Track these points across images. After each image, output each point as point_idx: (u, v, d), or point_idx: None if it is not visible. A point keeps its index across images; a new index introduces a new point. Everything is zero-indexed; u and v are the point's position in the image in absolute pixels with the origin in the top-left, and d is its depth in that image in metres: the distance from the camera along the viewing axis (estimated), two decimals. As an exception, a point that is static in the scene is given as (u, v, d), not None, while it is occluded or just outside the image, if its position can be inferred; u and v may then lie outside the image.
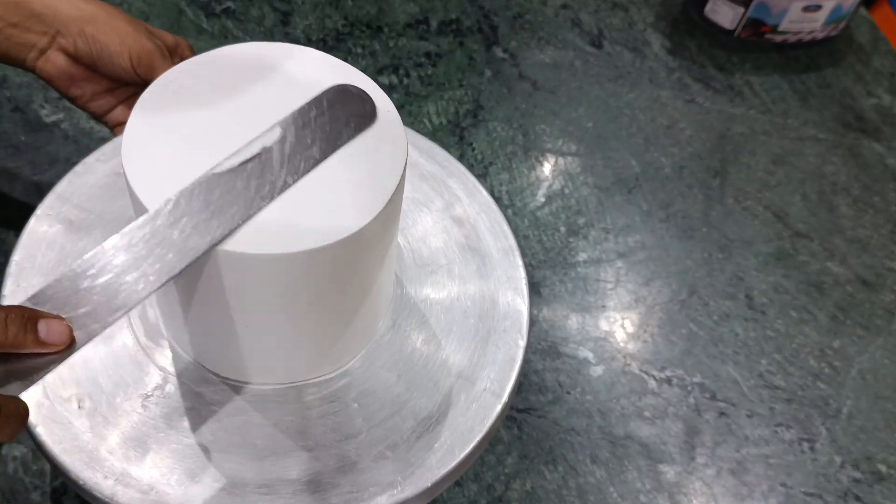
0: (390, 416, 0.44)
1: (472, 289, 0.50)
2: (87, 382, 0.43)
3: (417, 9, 0.88)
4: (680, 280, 0.71)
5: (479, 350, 0.47)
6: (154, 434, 0.42)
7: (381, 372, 0.46)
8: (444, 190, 0.54)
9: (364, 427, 0.44)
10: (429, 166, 0.55)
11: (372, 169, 0.39)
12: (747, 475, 0.61)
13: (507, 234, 0.52)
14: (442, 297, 0.49)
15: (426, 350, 0.47)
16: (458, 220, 0.53)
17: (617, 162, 0.79)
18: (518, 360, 0.47)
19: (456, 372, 0.46)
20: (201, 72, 0.41)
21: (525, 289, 0.50)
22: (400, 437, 0.43)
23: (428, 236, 0.52)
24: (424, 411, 0.45)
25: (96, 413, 0.42)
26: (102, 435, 0.41)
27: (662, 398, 0.64)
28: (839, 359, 0.69)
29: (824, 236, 0.76)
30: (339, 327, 0.43)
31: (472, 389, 0.46)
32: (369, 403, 0.45)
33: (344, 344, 0.45)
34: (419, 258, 0.51)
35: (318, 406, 0.44)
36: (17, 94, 0.74)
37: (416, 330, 0.48)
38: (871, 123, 0.86)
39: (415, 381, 0.46)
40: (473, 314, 0.49)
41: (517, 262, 0.51)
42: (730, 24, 0.89)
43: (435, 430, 0.44)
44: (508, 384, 0.46)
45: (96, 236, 0.48)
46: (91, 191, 0.50)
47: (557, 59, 0.87)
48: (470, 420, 0.44)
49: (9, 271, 0.46)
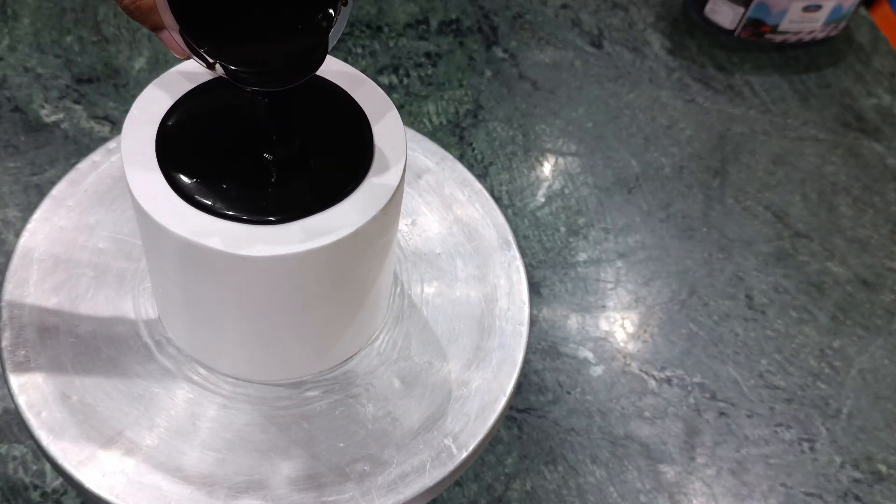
0: (390, 415, 0.44)
1: (472, 288, 0.50)
2: (87, 382, 0.43)
3: (417, 9, 0.88)
4: (680, 280, 0.71)
5: (479, 350, 0.47)
6: (152, 432, 0.42)
7: (381, 371, 0.46)
8: (443, 189, 0.54)
9: (363, 426, 0.44)
10: (428, 165, 0.55)
11: (371, 168, 0.39)
12: (747, 475, 0.61)
13: (506, 233, 0.52)
14: (442, 296, 0.49)
15: (426, 349, 0.47)
16: (458, 219, 0.53)
17: (617, 162, 0.79)
18: (518, 361, 0.47)
19: (456, 371, 0.46)
20: (200, 73, 0.41)
21: (525, 289, 0.50)
22: (399, 437, 0.43)
23: (427, 235, 0.52)
24: (424, 411, 0.44)
25: (91, 408, 0.42)
26: (101, 433, 0.41)
27: (662, 398, 0.64)
28: (839, 359, 0.69)
29: (824, 236, 0.76)
30: (338, 327, 0.43)
31: (472, 389, 0.46)
32: (369, 402, 0.45)
33: (343, 343, 0.45)
34: (418, 257, 0.51)
35: (317, 404, 0.44)
36: (17, 94, 0.74)
37: (415, 329, 0.48)
38: (871, 123, 0.86)
39: (414, 380, 0.46)
40: (473, 313, 0.49)
41: (517, 262, 0.51)
42: (730, 24, 0.89)
43: (434, 429, 0.44)
44: (509, 384, 0.46)
45: (95, 241, 0.48)
46: (87, 196, 0.50)
47: (557, 59, 0.87)
48: (470, 420, 0.44)
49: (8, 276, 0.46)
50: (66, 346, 0.44)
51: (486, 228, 0.52)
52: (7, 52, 0.77)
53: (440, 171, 0.55)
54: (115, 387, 0.43)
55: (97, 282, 0.46)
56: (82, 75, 0.76)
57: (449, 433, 0.44)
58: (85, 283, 0.46)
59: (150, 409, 0.43)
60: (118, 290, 0.46)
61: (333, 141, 0.40)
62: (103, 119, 0.73)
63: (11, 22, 0.79)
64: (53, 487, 0.55)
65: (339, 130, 0.41)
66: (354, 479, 0.42)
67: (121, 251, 0.47)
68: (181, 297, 0.41)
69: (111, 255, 0.47)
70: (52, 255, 0.47)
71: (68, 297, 0.45)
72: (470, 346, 0.47)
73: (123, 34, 0.80)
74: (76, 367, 0.43)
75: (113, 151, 0.51)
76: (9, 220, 0.66)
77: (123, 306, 0.46)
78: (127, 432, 0.42)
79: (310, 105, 0.41)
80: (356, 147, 0.40)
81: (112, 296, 0.46)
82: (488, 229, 0.52)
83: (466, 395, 0.45)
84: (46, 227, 0.48)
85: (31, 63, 0.76)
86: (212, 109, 0.40)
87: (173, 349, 0.45)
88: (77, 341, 0.44)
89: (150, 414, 0.42)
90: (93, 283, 0.46)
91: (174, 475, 0.41)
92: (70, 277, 0.46)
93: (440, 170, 0.55)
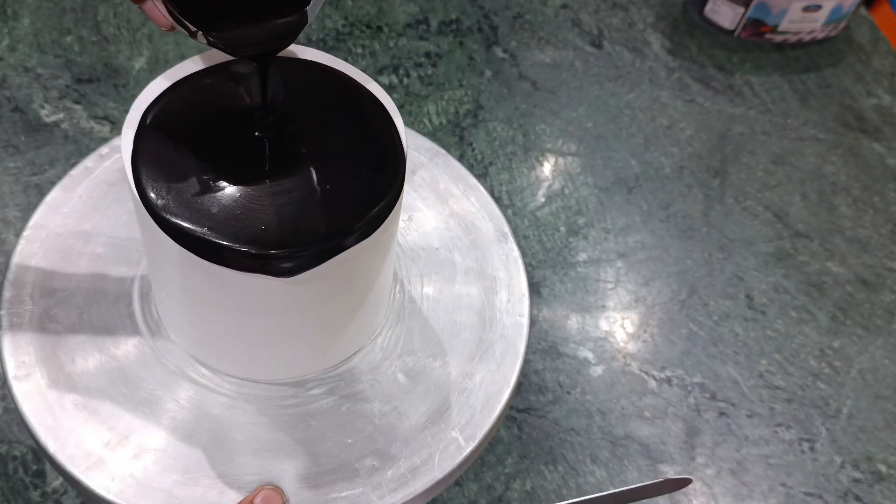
0: (390, 415, 0.44)
1: (472, 281, 0.50)
2: (91, 387, 0.43)
3: (417, 9, 0.88)
4: (680, 280, 0.71)
5: (479, 350, 0.47)
6: (159, 435, 0.42)
7: (385, 366, 0.46)
8: (438, 184, 0.54)
9: (370, 421, 0.44)
10: (422, 160, 0.55)
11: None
12: (747, 475, 0.61)
13: (503, 225, 0.52)
14: (442, 290, 0.49)
15: (428, 344, 0.47)
16: (454, 213, 0.53)
17: (617, 162, 0.79)
18: (521, 351, 0.47)
19: (459, 365, 0.46)
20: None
21: (524, 280, 0.50)
22: (406, 431, 0.43)
23: (425, 230, 0.52)
24: (430, 405, 0.45)
25: (96, 413, 0.42)
26: (107, 438, 0.41)
27: (662, 398, 0.64)
28: (839, 359, 0.69)
29: (824, 236, 0.76)
30: (340, 325, 0.43)
31: (476, 382, 0.46)
32: (374, 398, 0.45)
33: (346, 340, 0.45)
34: (418, 257, 0.51)
35: (322, 401, 0.44)
36: (17, 94, 0.74)
37: (417, 324, 0.48)
38: (871, 123, 0.86)
39: (418, 375, 0.46)
40: (474, 306, 0.49)
41: (515, 253, 0.51)
42: (730, 24, 0.89)
43: (441, 422, 0.44)
44: (512, 375, 0.46)
45: (92, 247, 0.48)
46: (81, 202, 0.49)
47: (557, 59, 0.87)
48: (476, 412, 0.45)
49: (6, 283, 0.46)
50: (67, 351, 0.44)
51: (482, 222, 0.53)
52: (7, 52, 0.77)
53: (434, 167, 0.55)
54: (119, 391, 0.43)
55: (97, 287, 0.46)
56: (82, 75, 0.76)
57: (455, 425, 0.44)
58: (84, 288, 0.46)
59: (156, 412, 0.42)
60: (118, 295, 0.46)
61: (340, 138, 0.40)
62: (103, 119, 0.73)
63: (11, 22, 0.79)
64: (53, 487, 0.55)
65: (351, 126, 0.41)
66: (364, 474, 0.42)
67: (119, 256, 0.47)
68: (183, 299, 0.41)
69: (109, 260, 0.47)
70: (49, 262, 0.47)
71: (68, 303, 0.45)
72: (472, 339, 0.48)
73: (123, 34, 0.80)
74: (78, 373, 0.43)
75: (106, 157, 0.51)
76: (9, 220, 0.66)
77: (124, 310, 0.46)
78: (133, 436, 0.42)
79: (310, 95, 0.41)
80: (356, 146, 0.40)
81: (112, 300, 0.46)
82: (485, 222, 0.52)
83: (471, 388, 0.45)
84: (42, 233, 0.48)
85: (31, 63, 0.76)
86: (210, 107, 0.40)
87: (176, 350, 0.45)
88: (78, 346, 0.44)
89: (156, 417, 0.42)
90: (92, 288, 0.46)
91: (184, 477, 0.41)
92: (69, 284, 0.46)
93: (434, 165, 0.55)
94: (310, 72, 0.42)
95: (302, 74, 0.42)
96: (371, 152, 0.40)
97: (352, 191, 0.38)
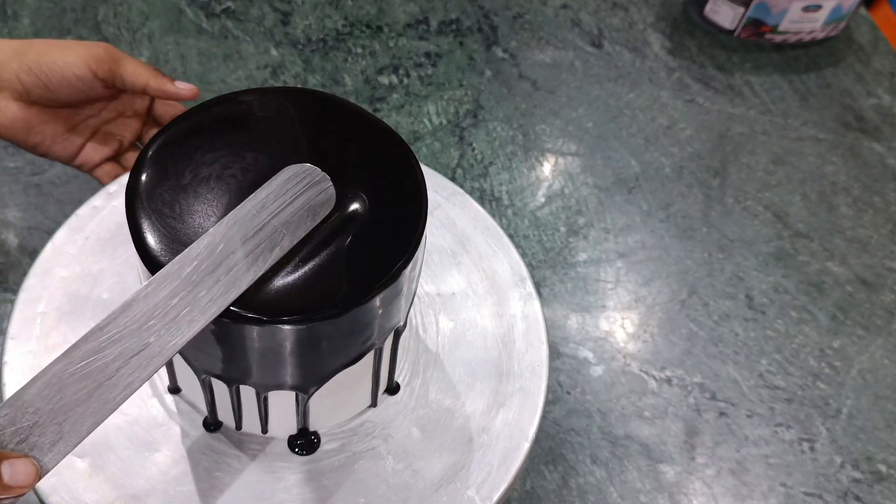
0: (410, 468, 0.43)
1: (489, 329, 0.48)
2: (99, 444, 0.41)
3: (417, 9, 0.88)
4: (680, 280, 0.71)
5: (498, 395, 0.46)
6: (159, 488, 0.41)
7: (399, 420, 0.44)
8: (455, 225, 0.52)
9: (384, 480, 0.42)
10: (439, 201, 0.53)
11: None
12: (747, 475, 0.61)
13: (521, 269, 0.50)
14: (458, 339, 0.48)
15: (444, 395, 0.45)
16: (471, 256, 0.51)
17: (617, 162, 0.79)
18: (539, 405, 0.46)
19: (476, 418, 0.45)
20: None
21: (542, 328, 0.48)
22: (421, 489, 0.42)
23: (441, 281, 0.50)
24: (445, 461, 0.43)
25: (109, 475, 0.41)
26: (105, 493, 0.40)
27: (662, 398, 0.64)
28: (839, 359, 0.69)
29: (824, 236, 0.76)
30: (354, 379, 0.42)
31: (494, 436, 0.44)
32: (388, 454, 0.43)
33: (360, 394, 0.44)
34: (432, 298, 0.49)
35: (335, 458, 0.43)
36: (17, 94, 0.74)
37: (432, 375, 0.46)
38: (871, 123, 0.86)
39: (434, 429, 0.44)
40: (490, 357, 0.47)
41: (533, 298, 0.49)
42: (730, 24, 0.89)
43: (456, 480, 0.42)
44: (531, 429, 0.45)
45: (98, 292, 0.46)
46: (88, 243, 0.48)
47: (557, 59, 0.87)
48: (493, 470, 0.43)
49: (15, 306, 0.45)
50: None
51: (500, 265, 0.50)
52: (7, 52, 0.77)
53: (451, 207, 0.53)
54: (127, 447, 0.42)
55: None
56: (82, 75, 0.76)
57: (472, 484, 0.42)
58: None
59: (165, 470, 0.41)
60: None
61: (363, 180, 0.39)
62: (103, 119, 0.73)
63: (11, 22, 0.79)
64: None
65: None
66: None
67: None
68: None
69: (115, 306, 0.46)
70: (54, 309, 0.45)
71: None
72: (489, 390, 0.46)
73: (123, 34, 0.80)
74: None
75: (114, 195, 0.50)
76: (9, 220, 0.66)
77: None
78: (137, 489, 0.40)
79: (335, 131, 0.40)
80: (377, 200, 0.38)
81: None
82: (502, 266, 0.50)
83: (488, 443, 0.44)
84: (48, 278, 0.46)
85: (31, 63, 0.76)
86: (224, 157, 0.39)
87: (182, 404, 0.43)
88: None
89: (161, 470, 0.41)
90: None
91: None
92: (73, 332, 0.44)
93: (451, 205, 0.53)
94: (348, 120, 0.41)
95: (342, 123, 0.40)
96: (390, 217, 0.38)
97: (361, 264, 0.36)
